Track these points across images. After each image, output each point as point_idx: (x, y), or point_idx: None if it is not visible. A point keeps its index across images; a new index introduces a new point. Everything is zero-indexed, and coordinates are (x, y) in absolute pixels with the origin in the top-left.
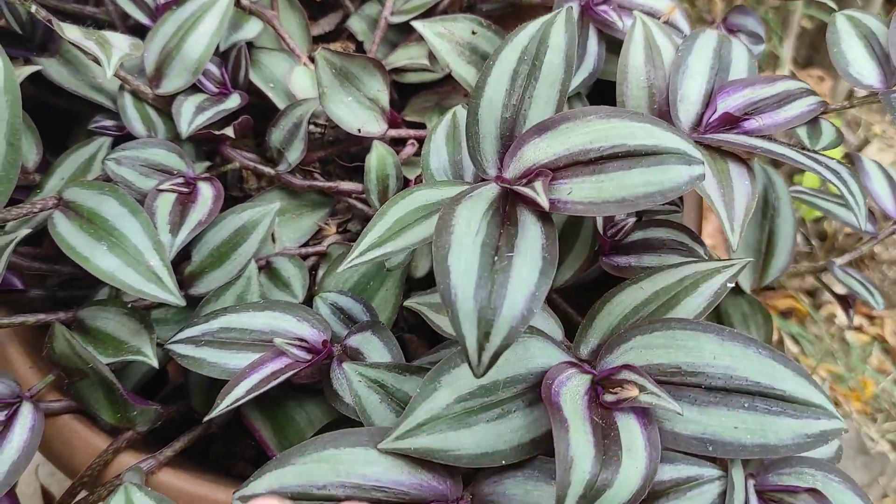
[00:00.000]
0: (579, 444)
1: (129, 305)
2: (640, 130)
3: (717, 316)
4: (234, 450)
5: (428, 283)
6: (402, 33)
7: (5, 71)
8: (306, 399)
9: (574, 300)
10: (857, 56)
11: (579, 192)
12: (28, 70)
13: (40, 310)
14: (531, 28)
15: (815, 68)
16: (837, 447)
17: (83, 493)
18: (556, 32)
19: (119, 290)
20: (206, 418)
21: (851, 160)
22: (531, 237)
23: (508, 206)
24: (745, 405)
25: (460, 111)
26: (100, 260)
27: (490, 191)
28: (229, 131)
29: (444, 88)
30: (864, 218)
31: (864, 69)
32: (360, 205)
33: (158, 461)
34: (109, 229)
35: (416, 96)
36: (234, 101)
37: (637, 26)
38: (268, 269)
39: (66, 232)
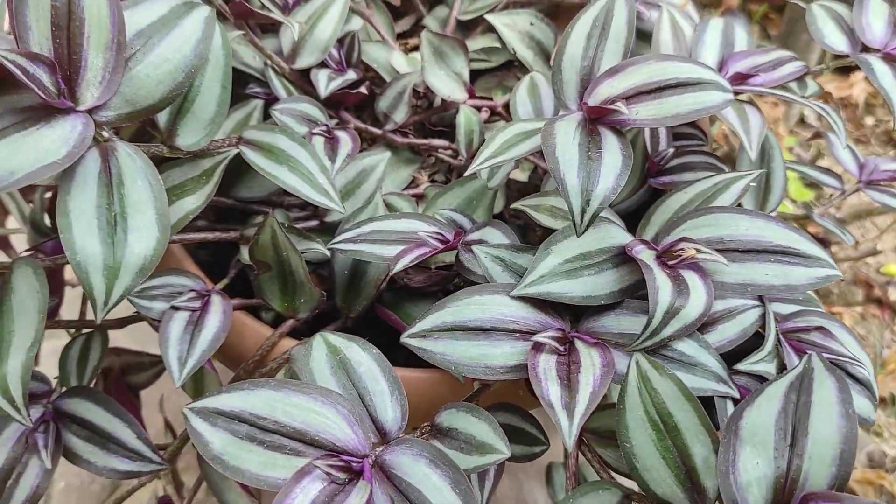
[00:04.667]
0: (661, 280)
1: (286, 225)
2: (687, 68)
3: None
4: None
5: (500, 217)
6: (467, 30)
7: (223, 33)
8: (419, 300)
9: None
10: (830, 31)
11: (645, 112)
12: (235, 33)
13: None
14: (600, 3)
15: None
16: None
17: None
18: (619, 4)
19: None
20: (393, 271)
21: (820, 135)
22: (611, 142)
23: (591, 125)
24: (772, 260)
25: (536, 75)
26: (285, 177)
27: (576, 116)
28: (363, 89)
29: (500, 73)
30: (843, 139)
31: (835, 40)
32: (446, 158)
33: None
34: (286, 157)
35: (480, 78)
36: (352, 74)
37: (664, 13)
38: (383, 203)
39: (257, 159)
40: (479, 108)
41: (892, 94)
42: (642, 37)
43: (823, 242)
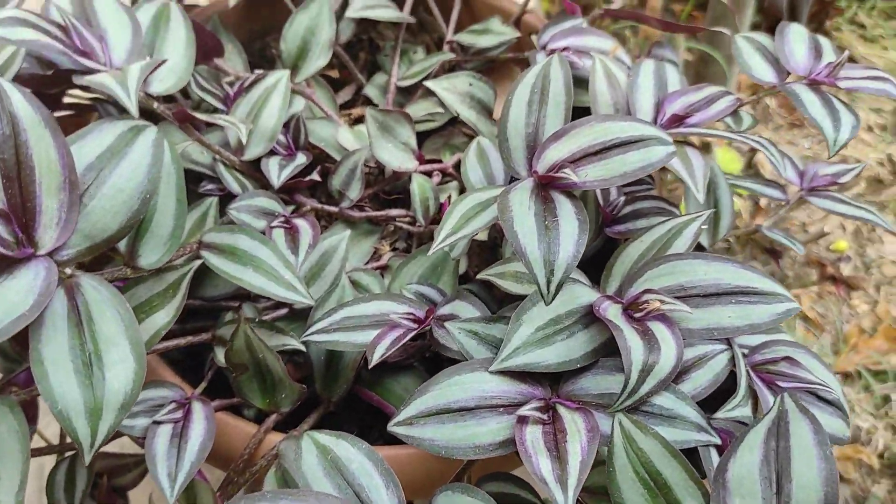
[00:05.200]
0: (632, 340)
1: (257, 320)
2: (628, 126)
3: None
4: (347, 425)
5: (465, 278)
6: (408, 94)
7: (172, 148)
8: (398, 374)
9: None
10: (757, 63)
11: (593, 173)
12: (184, 145)
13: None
14: (535, 69)
15: None
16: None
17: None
18: (554, 70)
19: (239, 310)
20: (372, 363)
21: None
22: (566, 208)
23: (543, 192)
24: (733, 301)
25: (483, 141)
26: (251, 278)
27: (528, 184)
28: (315, 175)
29: (446, 132)
30: (782, 167)
31: (763, 71)
32: (404, 226)
33: (301, 432)
34: (249, 257)
35: (426, 140)
36: (302, 158)
37: (597, 62)
38: (350, 283)
39: (220, 263)
40: (430, 173)
41: (824, 123)
42: (581, 83)
43: (774, 253)
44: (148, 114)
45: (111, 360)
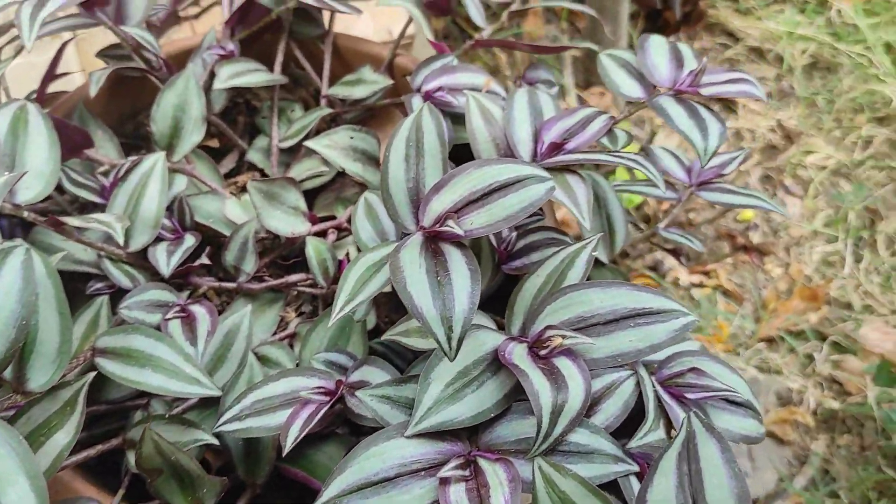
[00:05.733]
0: (539, 383)
1: (167, 415)
2: (504, 169)
3: None
4: None
5: (377, 332)
6: (291, 154)
7: (44, 260)
8: (320, 443)
9: (488, 308)
10: (623, 80)
11: (478, 220)
12: (59, 255)
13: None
14: (408, 122)
15: (594, 87)
16: (700, 344)
17: None
18: (426, 121)
19: (147, 407)
20: (285, 451)
21: (645, 150)
22: (456, 260)
23: (433, 245)
24: (632, 325)
25: (369, 195)
26: (150, 379)
27: (417, 238)
28: (204, 258)
29: (335, 186)
30: (662, 185)
31: (629, 87)
32: (307, 290)
33: None
34: (146, 358)
35: (318, 197)
36: (190, 240)
37: (471, 100)
38: (259, 358)
39: (116, 369)
40: (325, 232)
41: (692, 134)
42: (459, 120)
43: (675, 253)
44: (20, 222)
45: (11, 501)
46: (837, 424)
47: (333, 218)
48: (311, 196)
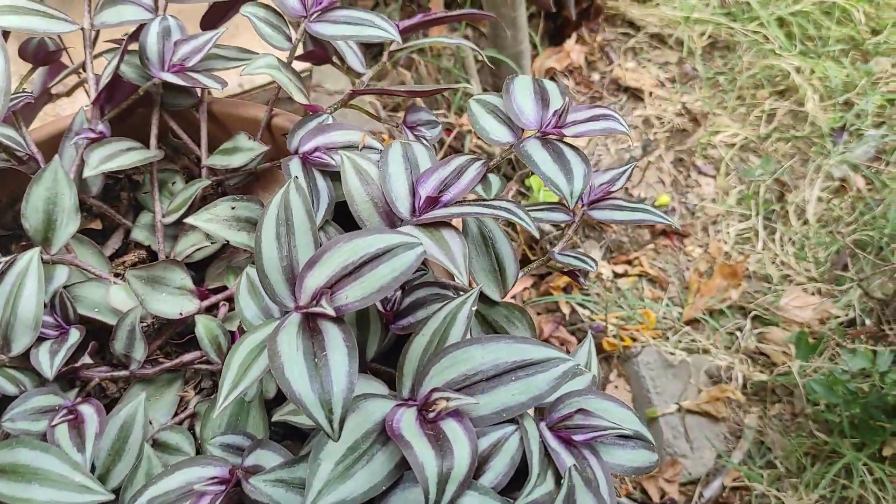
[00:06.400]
0: (423, 452)
1: None
2: (375, 240)
3: (487, 324)
4: None
5: (278, 399)
6: (177, 226)
7: None
8: None
9: (391, 362)
10: (492, 126)
11: (353, 294)
12: None
13: None
14: (276, 200)
15: None
16: (591, 377)
17: None
18: (293, 199)
19: None
20: None
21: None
22: (334, 337)
23: (311, 322)
24: (514, 378)
25: (250, 270)
26: (38, 496)
27: (295, 318)
28: (86, 358)
29: (226, 254)
30: (534, 228)
31: (499, 133)
32: (204, 366)
33: None
34: (32, 472)
35: (209, 267)
36: (75, 336)
37: (346, 161)
38: (158, 445)
39: (1, 488)
40: (216, 307)
41: (557, 179)
42: (338, 177)
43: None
44: None
45: None
46: (768, 395)
47: (225, 288)
48: (201, 267)
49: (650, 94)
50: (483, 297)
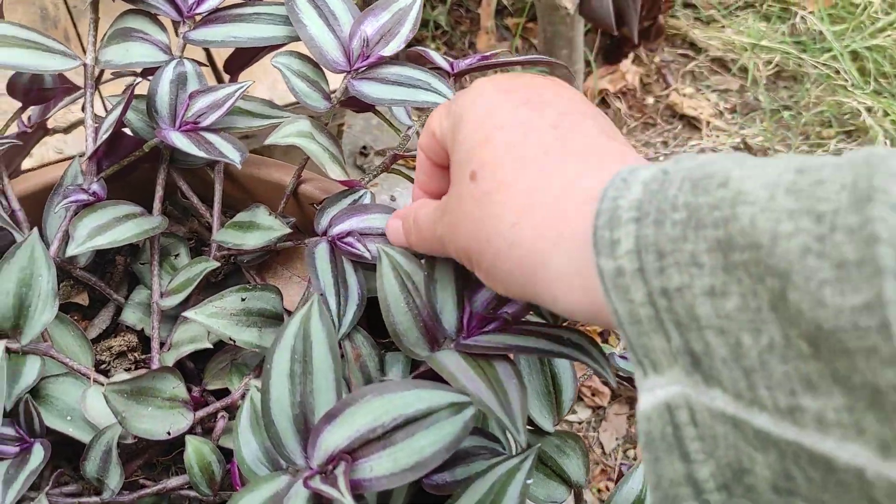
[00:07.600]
0: None
1: None
2: (414, 398)
3: (539, 459)
4: None
5: None
6: (179, 306)
7: None
8: None
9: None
10: None
11: (379, 467)
12: None
13: None
14: (293, 327)
15: None
16: None
17: None
18: (315, 327)
19: None
20: None
21: None
22: None
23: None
24: None
25: (255, 395)
26: None
27: (302, 493)
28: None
29: (231, 346)
30: (612, 378)
31: None
32: (192, 493)
33: None
34: None
35: (210, 361)
36: (38, 455)
37: (383, 259)
38: None
39: None
40: (213, 419)
41: None
42: (373, 268)
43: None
44: None
45: None
46: None
47: (226, 392)
48: (202, 359)
49: (707, 123)
50: (530, 423)
